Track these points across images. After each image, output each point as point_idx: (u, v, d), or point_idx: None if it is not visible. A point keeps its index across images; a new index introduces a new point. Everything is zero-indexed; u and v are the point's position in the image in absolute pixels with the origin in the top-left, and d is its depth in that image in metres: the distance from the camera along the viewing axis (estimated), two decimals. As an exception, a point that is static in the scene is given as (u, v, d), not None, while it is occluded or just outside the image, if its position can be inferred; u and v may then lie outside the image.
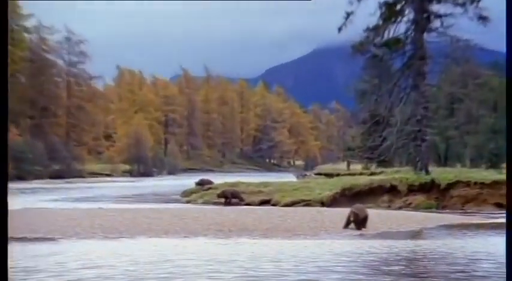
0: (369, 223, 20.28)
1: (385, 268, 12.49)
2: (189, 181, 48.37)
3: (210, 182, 42.15)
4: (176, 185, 54.56)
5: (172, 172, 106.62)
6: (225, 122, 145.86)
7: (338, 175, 49.39)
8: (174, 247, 15.57)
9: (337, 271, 11.80)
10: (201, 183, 42.11)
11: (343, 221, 20.14)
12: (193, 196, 38.04)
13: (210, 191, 38.11)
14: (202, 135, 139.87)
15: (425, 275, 11.86)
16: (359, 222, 19.86)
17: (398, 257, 14.02)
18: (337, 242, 16.73)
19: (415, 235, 20.07)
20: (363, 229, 19.82)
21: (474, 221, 24.31)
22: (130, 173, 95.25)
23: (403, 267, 12.62)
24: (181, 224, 20.36)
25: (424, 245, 16.41)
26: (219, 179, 48.20)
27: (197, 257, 13.47)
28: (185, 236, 17.74)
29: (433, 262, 13.54)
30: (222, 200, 34.48)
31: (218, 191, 35.70)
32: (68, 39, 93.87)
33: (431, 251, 15.15)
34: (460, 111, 63.33)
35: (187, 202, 35.76)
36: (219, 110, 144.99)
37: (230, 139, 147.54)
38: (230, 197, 34.49)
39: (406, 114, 37.02)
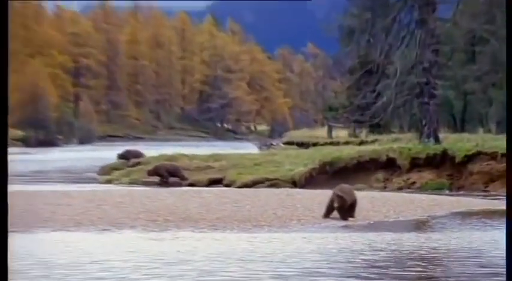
0: (357, 210, 20.45)
1: (394, 269, 12.67)
2: (109, 153, 48.34)
3: (139, 155, 42.22)
4: (92, 158, 54.48)
5: (85, 140, 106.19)
6: (160, 72, 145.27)
7: (315, 144, 49.86)
8: (95, 243, 15.52)
9: (331, 274, 11.96)
10: (126, 156, 42.17)
11: (323, 208, 20.26)
12: (116, 173, 38.11)
13: (139, 167, 38.20)
14: (127, 89, 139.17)
15: (452, 280, 12.06)
16: (345, 209, 19.93)
17: (412, 256, 14.25)
18: (316, 237, 16.86)
19: (421, 225, 20.33)
20: (350, 218, 19.95)
21: (501, 207, 24.65)
22: (25, 142, 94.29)
23: (420, 269, 12.79)
24: (98, 212, 20.29)
25: (437, 240, 16.61)
26: (151, 150, 48.15)
27: (135, 257, 13.53)
28: (104, 229, 17.65)
29: (457, 262, 13.77)
30: (156, 179, 34.49)
31: (150, 167, 35.69)
32: None
33: (451, 249, 15.40)
34: (484, 55, 63.68)
35: (107, 182, 35.81)
36: (152, 54, 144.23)
37: (167, 95, 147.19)
38: (167, 175, 34.54)
39: (409, 61, 37.27)
